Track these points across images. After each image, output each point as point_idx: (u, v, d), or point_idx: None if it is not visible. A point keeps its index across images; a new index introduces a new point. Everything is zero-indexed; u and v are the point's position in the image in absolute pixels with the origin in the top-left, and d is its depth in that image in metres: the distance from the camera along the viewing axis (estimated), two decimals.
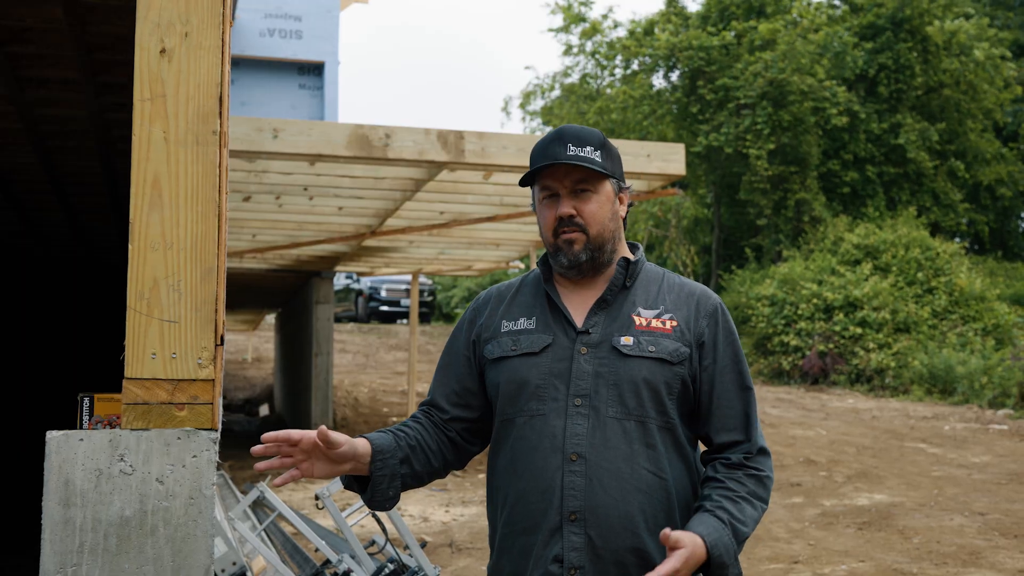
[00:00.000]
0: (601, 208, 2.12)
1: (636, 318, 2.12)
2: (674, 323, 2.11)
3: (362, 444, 2.03)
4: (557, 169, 2.10)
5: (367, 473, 2.05)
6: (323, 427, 1.92)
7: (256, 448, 1.92)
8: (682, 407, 2.10)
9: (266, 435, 1.92)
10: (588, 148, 2.11)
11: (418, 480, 2.13)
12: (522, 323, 2.17)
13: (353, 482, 2.08)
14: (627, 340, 2.08)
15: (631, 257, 2.21)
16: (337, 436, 1.95)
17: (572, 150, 2.09)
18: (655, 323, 2.11)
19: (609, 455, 2.03)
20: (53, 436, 1.90)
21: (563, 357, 2.10)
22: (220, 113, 1.99)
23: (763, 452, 2.12)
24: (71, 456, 1.90)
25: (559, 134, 2.13)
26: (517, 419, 2.10)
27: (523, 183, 2.17)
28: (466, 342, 2.24)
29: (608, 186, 2.15)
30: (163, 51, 1.98)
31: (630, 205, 2.23)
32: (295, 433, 1.93)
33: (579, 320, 2.14)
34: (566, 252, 2.12)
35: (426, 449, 2.14)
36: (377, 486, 2.05)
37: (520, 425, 2.10)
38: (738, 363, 2.14)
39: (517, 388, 2.11)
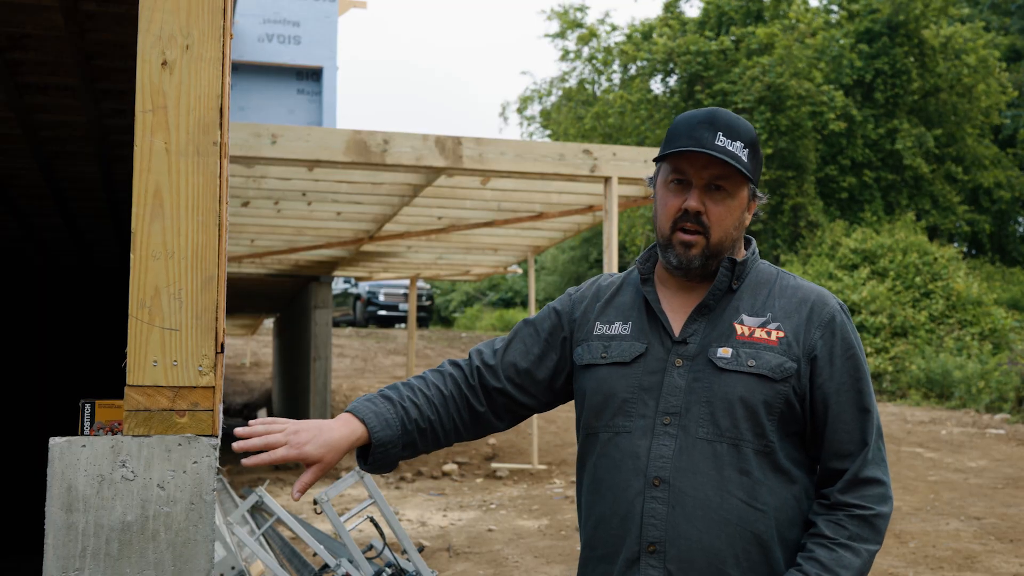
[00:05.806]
0: (731, 213, 1.89)
1: (738, 327, 1.88)
2: (781, 334, 1.87)
3: (362, 434, 1.91)
4: (698, 157, 1.85)
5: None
6: (300, 482, 1.87)
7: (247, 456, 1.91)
8: (785, 428, 1.87)
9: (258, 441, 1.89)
10: (739, 144, 1.86)
11: (416, 454, 1.99)
12: (616, 328, 1.97)
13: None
14: (725, 352, 1.86)
15: (739, 256, 1.96)
16: (316, 471, 1.88)
17: (722, 140, 1.85)
18: (759, 333, 1.87)
19: (696, 481, 1.82)
20: (56, 442, 1.92)
21: (655, 369, 1.90)
22: (221, 124, 2.02)
23: (870, 483, 1.86)
24: (73, 462, 1.92)
25: (711, 117, 1.88)
26: (601, 434, 1.92)
27: (656, 159, 1.96)
28: (552, 328, 2.05)
29: (745, 191, 1.91)
30: (164, 63, 2.01)
31: (756, 216, 1.99)
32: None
33: (677, 328, 1.92)
34: (680, 253, 1.89)
35: (438, 430, 1.99)
36: (374, 465, 1.96)
37: (604, 442, 1.92)
38: (857, 381, 1.88)
39: (603, 400, 1.93)
